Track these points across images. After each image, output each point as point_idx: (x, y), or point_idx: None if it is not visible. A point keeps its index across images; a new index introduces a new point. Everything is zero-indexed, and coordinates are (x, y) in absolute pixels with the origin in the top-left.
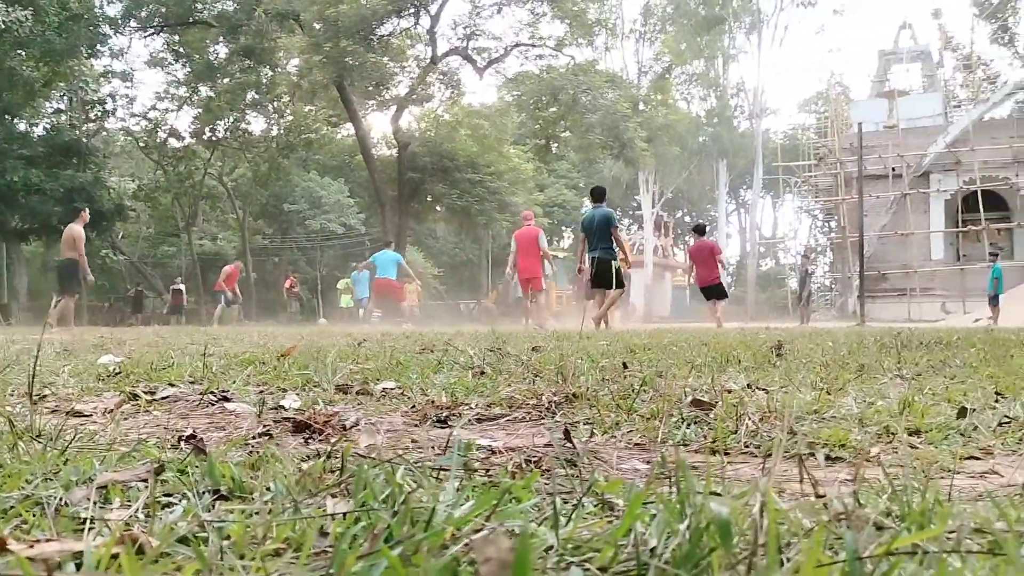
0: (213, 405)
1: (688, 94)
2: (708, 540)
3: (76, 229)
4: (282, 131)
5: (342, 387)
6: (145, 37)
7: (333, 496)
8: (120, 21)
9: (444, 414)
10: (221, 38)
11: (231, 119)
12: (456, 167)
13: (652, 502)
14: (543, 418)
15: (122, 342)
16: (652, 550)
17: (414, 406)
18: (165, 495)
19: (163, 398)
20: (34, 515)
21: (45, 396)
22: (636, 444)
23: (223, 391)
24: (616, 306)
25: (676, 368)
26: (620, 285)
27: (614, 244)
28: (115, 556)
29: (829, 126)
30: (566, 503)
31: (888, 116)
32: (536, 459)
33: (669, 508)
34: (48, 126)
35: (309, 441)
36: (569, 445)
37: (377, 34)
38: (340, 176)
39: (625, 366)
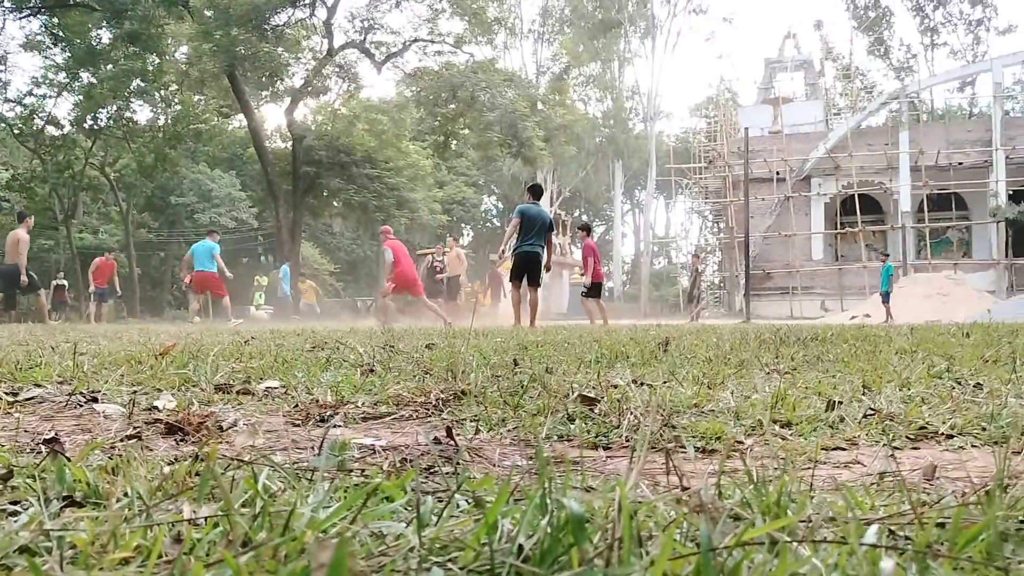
0: (81, 406)
1: (585, 95)
2: (567, 536)
3: (20, 234)
4: (169, 121)
5: (222, 386)
6: (20, 18)
7: (194, 500)
8: None
9: (328, 413)
10: (104, 22)
11: (114, 107)
12: (353, 162)
13: (521, 499)
14: (430, 416)
15: None
16: (519, 547)
17: (297, 405)
18: (12, 503)
19: (27, 399)
20: None
21: None
22: (521, 440)
23: (93, 392)
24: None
25: (566, 364)
26: (539, 284)
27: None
28: None
29: (718, 130)
30: (440, 501)
31: (773, 122)
32: (414, 457)
33: (533, 505)
34: None
35: (181, 443)
36: (451, 442)
37: (271, 24)
38: (231, 169)
39: (516, 363)
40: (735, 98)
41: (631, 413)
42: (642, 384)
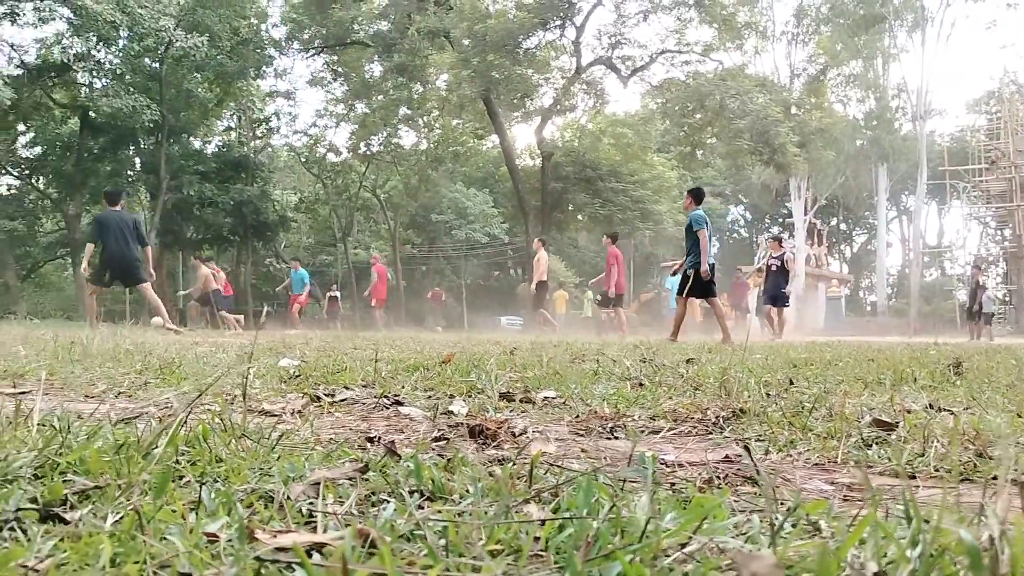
0: (387, 408)
1: (844, 96)
2: (942, 568)
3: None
4: (431, 144)
5: (505, 394)
6: (307, 58)
7: (526, 501)
8: (284, 43)
9: (609, 425)
10: (376, 57)
11: (384, 134)
12: (599, 176)
13: (851, 524)
14: (710, 433)
15: (292, 346)
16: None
17: (578, 416)
18: (371, 493)
19: (341, 400)
20: (264, 507)
21: (237, 396)
22: (815, 464)
23: (395, 395)
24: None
25: (846, 385)
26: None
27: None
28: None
29: (1002, 127)
30: (762, 522)
31: None
32: (723, 475)
33: (883, 531)
34: (219, 143)
35: (484, 447)
36: (744, 462)
37: (523, 47)
38: (485, 187)
39: (791, 382)
40: (1021, 91)
41: (937, 441)
42: (940, 409)
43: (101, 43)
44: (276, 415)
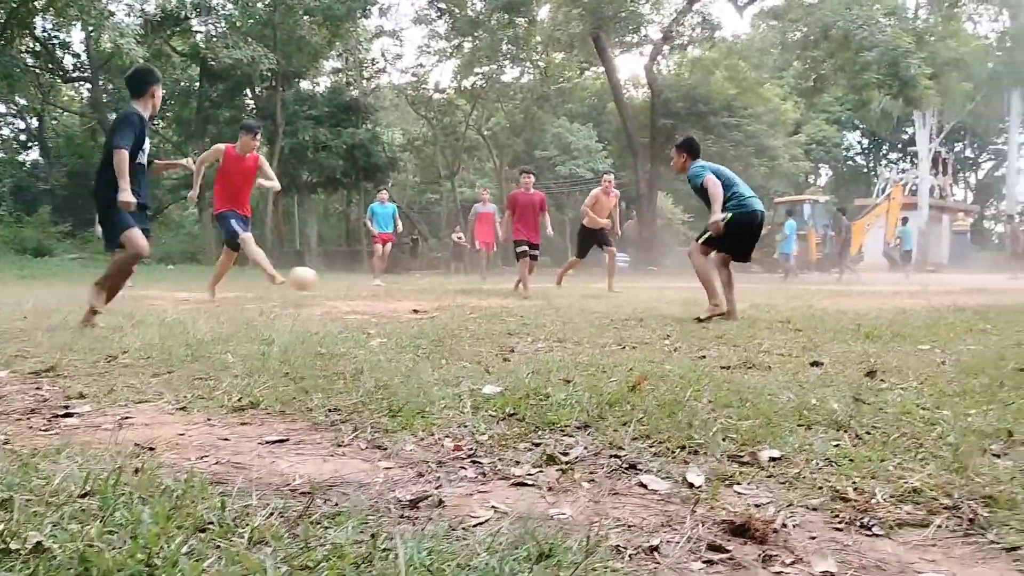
0: (624, 474)
1: (976, 14)
2: None
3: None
4: (536, 81)
5: (734, 455)
6: None
7: None
8: None
9: (863, 519)
10: None
11: (488, 70)
12: (711, 111)
13: None
14: (969, 534)
15: (459, 336)
16: None
17: (820, 489)
18: None
19: (577, 460)
20: None
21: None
22: None
23: (620, 450)
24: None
25: None
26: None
27: None
28: None
29: None
30: None
31: None
32: None
33: None
34: (328, 86)
35: (767, 561)
36: None
37: None
38: (589, 121)
39: None
40: None
41: None
42: None
43: None
44: (529, 483)
